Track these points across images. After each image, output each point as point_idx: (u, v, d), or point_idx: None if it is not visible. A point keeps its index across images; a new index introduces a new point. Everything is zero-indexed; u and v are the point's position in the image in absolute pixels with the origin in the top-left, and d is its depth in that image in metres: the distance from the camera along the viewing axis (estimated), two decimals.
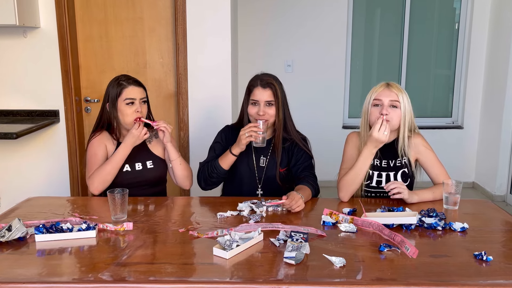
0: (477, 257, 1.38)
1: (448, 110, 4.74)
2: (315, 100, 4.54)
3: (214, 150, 2.15)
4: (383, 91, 1.94)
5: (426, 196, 1.91)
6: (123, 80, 2.04)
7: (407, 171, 1.99)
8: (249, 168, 2.12)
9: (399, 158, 1.99)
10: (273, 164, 2.09)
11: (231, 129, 2.18)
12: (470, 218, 1.73)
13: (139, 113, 2.01)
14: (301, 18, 4.43)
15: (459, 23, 4.53)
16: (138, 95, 2.04)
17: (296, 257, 1.34)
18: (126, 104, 2.01)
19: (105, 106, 2.06)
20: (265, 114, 2.01)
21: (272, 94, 2.01)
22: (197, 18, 3.04)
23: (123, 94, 2.01)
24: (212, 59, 3.09)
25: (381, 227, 1.56)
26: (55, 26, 3.00)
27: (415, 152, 2.00)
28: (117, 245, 1.49)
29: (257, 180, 2.12)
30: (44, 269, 1.33)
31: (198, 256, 1.42)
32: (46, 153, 3.14)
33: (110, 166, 1.98)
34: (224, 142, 2.13)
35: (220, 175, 2.05)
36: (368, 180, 2.00)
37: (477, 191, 4.55)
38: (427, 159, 1.99)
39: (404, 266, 1.33)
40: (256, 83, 2.04)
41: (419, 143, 2.00)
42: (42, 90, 3.08)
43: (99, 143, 2.06)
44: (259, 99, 2.01)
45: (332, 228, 1.62)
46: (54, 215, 1.75)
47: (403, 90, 1.95)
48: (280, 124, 2.04)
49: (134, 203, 1.88)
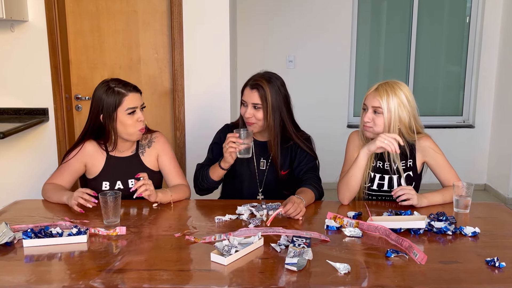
0: (489, 263, 1.38)
1: (459, 109, 4.74)
2: (318, 97, 4.54)
3: (212, 152, 2.14)
4: (369, 95, 1.95)
5: (436, 199, 1.91)
6: (120, 87, 1.92)
7: (412, 174, 1.99)
8: (249, 171, 2.11)
9: (404, 161, 1.98)
10: (274, 166, 2.08)
11: (230, 128, 2.16)
12: (482, 222, 1.73)
13: (142, 123, 1.95)
14: (304, 11, 4.43)
15: (470, 17, 4.53)
16: (139, 102, 1.96)
17: (298, 263, 1.34)
18: (128, 114, 1.92)
19: (98, 117, 1.94)
20: (251, 117, 1.99)
21: (259, 97, 1.97)
22: (194, 11, 3.04)
23: (123, 104, 1.91)
24: (210, 54, 3.09)
25: (387, 232, 1.57)
26: (44, 20, 3.00)
27: (422, 155, 1.99)
28: (109, 251, 1.48)
29: (258, 184, 2.12)
30: (32, 276, 1.32)
31: (195, 262, 1.42)
32: (35, 153, 3.14)
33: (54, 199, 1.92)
34: (223, 142, 2.10)
35: (210, 185, 2.06)
36: (370, 183, 2.00)
37: (489, 194, 4.56)
38: (436, 162, 1.99)
39: (412, 272, 1.33)
40: (247, 82, 2.03)
41: (427, 146, 1.99)
42: (30, 87, 3.08)
43: (78, 158, 1.99)
44: (246, 100, 2.01)
45: (336, 233, 1.62)
46: (43, 219, 1.75)
47: (392, 93, 1.89)
48: (272, 129, 2.00)
49: (127, 206, 1.88)
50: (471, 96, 4.63)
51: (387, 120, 1.90)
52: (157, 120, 3.21)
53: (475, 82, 4.57)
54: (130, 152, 2.05)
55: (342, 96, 4.59)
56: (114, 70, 3.20)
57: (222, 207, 1.87)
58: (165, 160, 2.08)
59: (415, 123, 1.97)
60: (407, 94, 1.93)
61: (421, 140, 1.99)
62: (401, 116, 1.91)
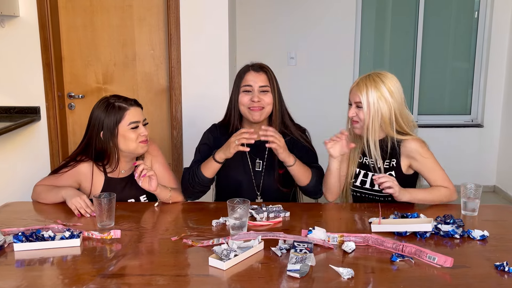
0: (498, 268, 1.38)
1: (467, 107, 4.74)
2: (320, 94, 4.54)
3: (200, 153, 2.07)
4: (352, 89, 1.97)
5: (420, 197, 1.89)
6: (120, 102, 1.92)
7: (394, 174, 1.94)
8: (245, 174, 2.07)
9: (388, 160, 1.96)
10: (272, 167, 2.06)
11: (219, 128, 2.12)
12: (491, 225, 1.73)
13: (145, 136, 1.93)
14: (306, 5, 4.43)
15: (479, 11, 4.53)
16: (141, 116, 1.95)
17: (300, 269, 1.33)
18: (131, 129, 1.91)
19: (99, 135, 1.92)
20: (260, 101, 1.96)
21: (267, 79, 1.98)
22: (191, 5, 3.04)
23: (125, 118, 1.90)
24: (207, 51, 3.09)
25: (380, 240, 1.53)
26: (35, 15, 3.00)
27: (407, 158, 1.94)
28: (103, 255, 1.48)
29: (255, 187, 2.08)
30: (24, 281, 1.32)
31: (193, 267, 1.42)
32: (26, 154, 3.14)
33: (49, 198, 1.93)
34: (212, 144, 2.06)
35: (203, 183, 1.97)
36: (354, 179, 2.02)
37: (498, 196, 4.56)
38: (423, 167, 1.93)
39: (418, 278, 1.33)
40: (247, 69, 2.02)
41: (414, 150, 1.92)
42: (21, 85, 3.08)
43: (70, 176, 1.96)
44: (252, 84, 1.97)
45: None
46: (35, 222, 1.75)
47: (372, 87, 1.88)
48: (277, 116, 2.00)
49: (122, 209, 1.88)
50: (480, 94, 4.63)
51: (367, 115, 1.90)
52: (153, 119, 3.21)
53: (483, 79, 4.57)
54: (130, 171, 2.03)
55: (345, 93, 4.57)
56: (109, 67, 3.20)
57: (220, 210, 1.86)
58: (158, 168, 2.06)
59: (401, 120, 1.91)
60: (389, 87, 1.89)
61: (406, 142, 1.92)
62: (382, 110, 1.88)
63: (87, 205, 1.83)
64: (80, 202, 1.83)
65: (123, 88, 3.18)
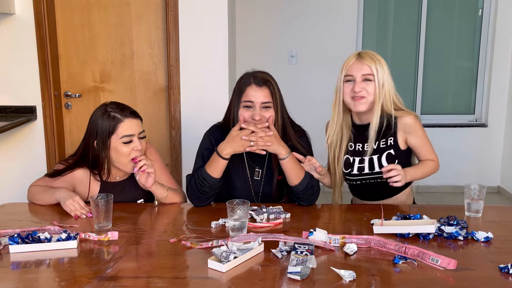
0: (502, 270, 1.37)
1: (471, 107, 4.74)
2: (322, 94, 4.50)
3: (203, 159, 1.98)
4: (354, 64, 1.92)
5: (414, 175, 1.92)
6: (116, 112, 1.87)
7: (393, 153, 1.94)
8: (243, 181, 2.02)
9: (384, 139, 1.94)
10: (271, 176, 2.01)
11: (220, 130, 2.04)
12: (495, 226, 1.73)
13: (138, 152, 1.88)
14: (308, 3, 4.43)
15: (483, 9, 4.53)
16: (137, 129, 1.89)
17: (301, 272, 1.33)
18: (123, 143, 1.87)
19: (92, 144, 1.89)
20: (261, 118, 1.88)
21: (270, 94, 1.89)
22: (190, 3, 3.04)
23: (118, 131, 1.85)
24: (207, 49, 3.09)
25: (382, 242, 1.53)
26: (31, 13, 3.00)
27: (404, 132, 1.94)
28: (100, 257, 1.48)
29: (254, 196, 2.04)
30: (20, 284, 1.32)
31: (192, 269, 1.42)
32: (22, 154, 3.14)
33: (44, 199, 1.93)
34: (215, 147, 1.95)
35: (213, 185, 1.89)
36: (349, 168, 1.99)
37: (502, 197, 4.56)
38: (417, 141, 1.95)
39: (421, 280, 1.33)
40: (249, 81, 1.90)
41: (411, 124, 1.93)
42: (17, 84, 3.08)
43: (65, 181, 1.95)
44: (254, 100, 1.89)
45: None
46: (31, 223, 1.75)
47: (377, 59, 1.91)
48: (279, 130, 1.92)
49: (119, 210, 1.88)
50: (484, 93, 4.63)
51: (377, 86, 1.89)
52: (151, 119, 3.21)
53: (488, 78, 4.57)
54: (126, 176, 2.02)
55: None
56: (106, 66, 3.20)
57: (219, 211, 1.86)
58: (157, 172, 1.99)
59: (396, 96, 1.96)
60: (386, 64, 1.93)
61: (402, 118, 1.94)
62: (389, 85, 1.91)
63: (81, 206, 1.82)
64: (74, 205, 1.81)
65: (121, 87, 3.18)
